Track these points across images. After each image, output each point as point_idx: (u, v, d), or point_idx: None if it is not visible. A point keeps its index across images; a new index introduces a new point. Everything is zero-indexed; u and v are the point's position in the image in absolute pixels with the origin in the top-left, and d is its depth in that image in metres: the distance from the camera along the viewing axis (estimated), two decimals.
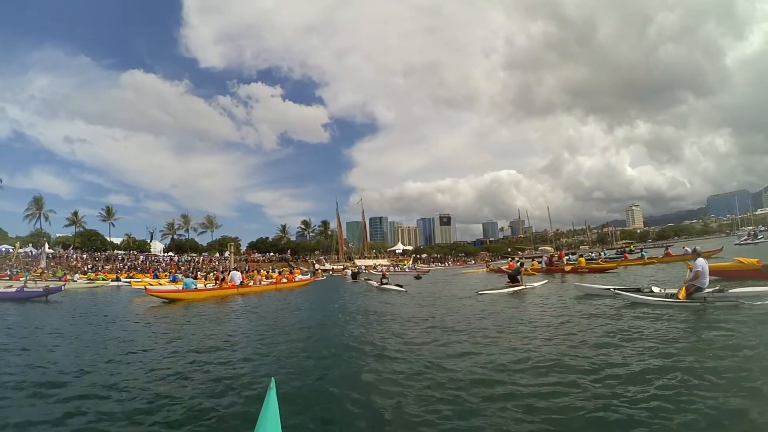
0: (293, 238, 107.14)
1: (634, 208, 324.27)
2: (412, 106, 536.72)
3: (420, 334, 8.52)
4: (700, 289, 9.34)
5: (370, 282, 28.44)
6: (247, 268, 47.59)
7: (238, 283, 22.86)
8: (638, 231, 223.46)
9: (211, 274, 33.33)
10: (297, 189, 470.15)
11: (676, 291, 9.72)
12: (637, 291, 10.89)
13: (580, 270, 26.92)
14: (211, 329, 10.55)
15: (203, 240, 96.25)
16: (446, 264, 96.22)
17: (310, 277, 41.46)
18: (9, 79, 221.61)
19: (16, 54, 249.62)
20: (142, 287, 25.26)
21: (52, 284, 26.78)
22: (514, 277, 18.25)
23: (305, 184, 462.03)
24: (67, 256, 57.67)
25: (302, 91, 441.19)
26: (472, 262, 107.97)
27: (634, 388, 4.52)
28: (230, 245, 49.26)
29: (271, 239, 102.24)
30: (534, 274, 26.95)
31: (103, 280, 41.04)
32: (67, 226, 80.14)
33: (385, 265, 66.46)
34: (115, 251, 73.44)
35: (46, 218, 76.15)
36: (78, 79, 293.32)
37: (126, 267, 54.32)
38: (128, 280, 38.42)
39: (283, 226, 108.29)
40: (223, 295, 21.02)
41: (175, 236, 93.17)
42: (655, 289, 10.64)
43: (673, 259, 30.38)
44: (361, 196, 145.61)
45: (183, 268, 55.69)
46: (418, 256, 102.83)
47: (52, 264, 48.28)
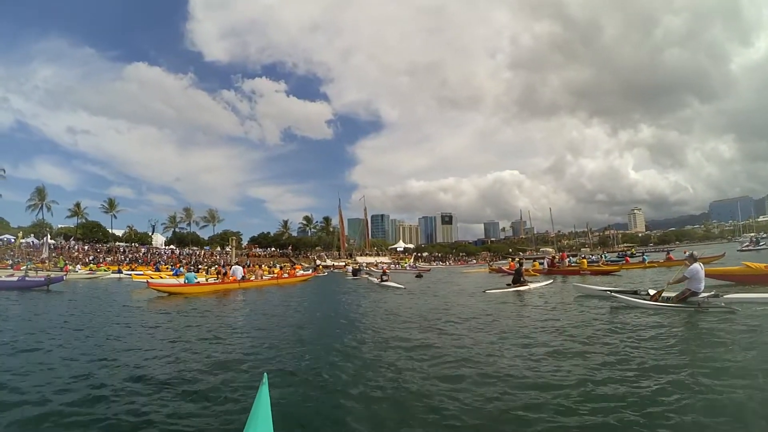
0: (295, 234, 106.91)
1: (636, 211, 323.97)
2: (416, 105, 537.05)
3: (424, 333, 8.39)
4: (695, 294, 9.36)
5: (371, 279, 28.39)
6: (249, 262, 47.51)
7: (239, 278, 22.81)
8: (640, 235, 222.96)
9: (213, 269, 33.26)
10: (299, 185, 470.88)
11: (673, 295, 9.82)
12: (634, 294, 10.97)
13: (582, 272, 26.82)
14: (210, 323, 10.52)
15: (205, 234, 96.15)
16: (447, 263, 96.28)
17: (311, 272, 41.49)
18: (13, 69, 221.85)
19: (21, 44, 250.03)
20: (144, 280, 25.30)
21: (54, 274, 26.77)
22: (517, 278, 18.38)
23: (308, 180, 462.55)
24: (69, 247, 57.70)
25: (306, 87, 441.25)
26: (473, 261, 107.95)
27: (622, 389, 4.56)
28: (232, 240, 49.28)
29: (272, 234, 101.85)
30: (536, 275, 26.86)
31: (105, 271, 41.12)
32: (69, 217, 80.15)
33: (386, 263, 66.39)
34: (117, 243, 73.38)
35: (49, 209, 76.08)
36: (82, 71, 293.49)
37: (127, 259, 54.38)
38: (130, 272, 38.49)
39: (285, 222, 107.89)
40: (225, 289, 20.96)
41: (177, 229, 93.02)
42: (652, 292, 10.69)
43: (675, 263, 30.23)
44: (364, 194, 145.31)
45: (184, 261, 55.70)
46: (419, 255, 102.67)
47: (54, 255, 48.26)
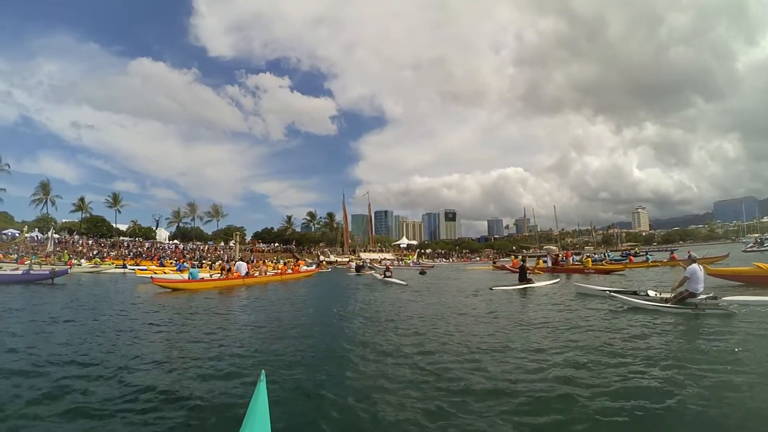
0: (298, 230, 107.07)
1: (640, 210, 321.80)
2: (420, 101, 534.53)
3: (427, 334, 8.13)
4: (694, 295, 9.38)
5: (375, 275, 28.35)
6: (253, 258, 47.53)
7: (243, 274, 22.75)
8: (643, 234, 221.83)
9: (217, 264, 33.25)
10: (303, 180, 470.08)
11: (671, 295, 9.85)
12: (633, 294, 10.97)
13: (586, 271, 26.68)
14: (211, 319, 10.53)
15: (209, 229, 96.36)
16: (451, 260, 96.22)
17: (315, 268, 41.51)
18: (17, 64, 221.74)
19: (25, 39, 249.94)
20: (147, 275, 25.34)
21: (58, 268, 26.86)
22: (522, 275, 18.44)
23: (311, 175, 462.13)
24: (73, 242, 57.88)
25: (310, 82, 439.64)
26: (477, 258, 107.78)
27: (616, 388, 4.62)
28: (236, 235, 49.08)
29: (276, 230, 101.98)
30: (540, 273, 26.76)
31: (108, 265, 41.26)
32: (73, 212, 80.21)
33: (389, 260, 66.36)
34: (121, 237, 73.68)
35: (53, 203, 76.22)
36: (86, 65, 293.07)
37: (131, 254, 54.49)
38: (134, 267, 38.55)
39: (289, 217, 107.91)
40: (229, 285, 20.93)
41: (181, 224, 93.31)
42: (651, 293, 10.72)
43: (678, 263, 30.09)
44: (368, 190, 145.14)
45: (188, 256, 55.78)
46: (423, 252, 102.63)
47: (58, 249, 48.42)
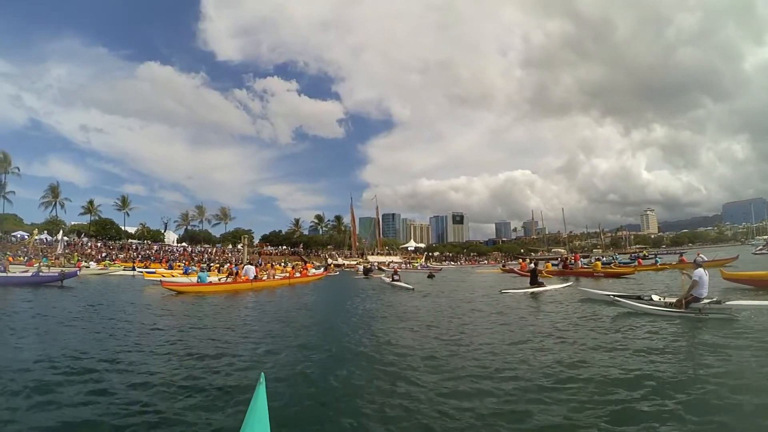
0: (306, 232, 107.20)
1: (648, 212, 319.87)
2: (428, 104, 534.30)
3: (433, 340, 8.02)
4: (698, 299, 9.36)
5: (383, 278, 28.16)
6: (261, 261, 47.51)
7: (252, 278, 22.62)
8: (652, 236, 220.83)
9: (224, 268, 33.20)
10: (311, 183, 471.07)
11: (675, 300, 9.91)
12: (638, 299, 10.95)
13: (595, 274, 26.33)
14: (217, 323, 10.65)
15: (217, 231, 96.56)
16: (459, 263, 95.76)
17: (323, 271, 41.34)
18: (27, 68, 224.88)
19: (35, 43, 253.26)
20: (155, 278, 25.31)
21: (67, 270, 26.91)
22: (533, 279, 18.31)
23: (319, 178, 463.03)
24: (82, 244, 58.19)
25: (318, 86, 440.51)
26: (485, 262, 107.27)
27: (618, 394, 4.64)
28: (244, 238, 49.14)
29: (284, 233, 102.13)
30: (549, 277, 26.50)
31: (117, 267, 41.39)
32: (82, 214, 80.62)
33: (397, 262, 66.16)
34: (129, 240, 73.98)
35: (62, 206, 76.73)
36: (95, 69, 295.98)
37: (140, 256, 54.67)
38: (142, 270, 38.55)
39: (297, 220, 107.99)
40: (237, 289, 20.79)
41: (189, 227, 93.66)
42: (655, 298, 10.70)
43: (687, 266, 29.63)
44: (375, 193, 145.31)
45: (196, 258, 55.90)
46: (430, 255, 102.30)
47: (67, 251, 48.70)
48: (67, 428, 4.04)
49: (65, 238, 56.33)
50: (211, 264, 43.84)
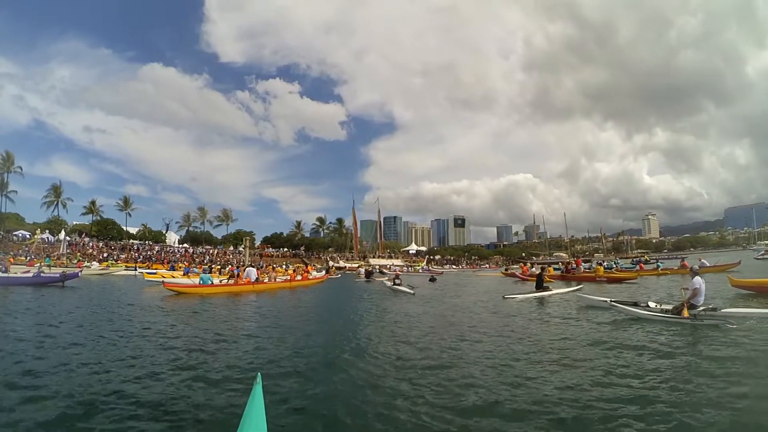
0: (308, 235, 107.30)
1: (650, 217, 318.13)
2: (430, 107, 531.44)
3: (432, 349, 7.77)
4: (694, 306, 9.62)
5: (384, 282, 28.10)
6: (262, 263, 47.49)
7: (253, 280, 22.63)
8: (654, 241, 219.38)
9: (225, 270, 33.16)
10: (313, 186, 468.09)
11: (671, 307, 10.14)
12: (635, 305, 11.12)
13: (598, 279, 26.22)
14: (217, 325, 10.67)
15: (218, 233, 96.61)
16: (460, 266, 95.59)
17: (324, 274, 41.26)
18: (30, 69, 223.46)
19: (39, 44, 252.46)
20: (156, 279, 25.33)
21: (69, 271, 26.91)
22: (539, 283, 18.11)
23: (321, 181, 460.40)
24: (84, 244, 58.24)
25: (320, 88, 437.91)
26: (486, 265, 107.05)
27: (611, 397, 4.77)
28: (246, 240, 49.05)
29: (285, 235, 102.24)
30: (551, 281, 26.39)
31: (118, 267, 41.46)
32: (84, 215, 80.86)
33: (399, 265, 66.06)
34: (131, 241, 74.06)
35: (64, 206, 76.82)
36: (98, 71, 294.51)
37: (141, 257, 54.70)
38: (143, 270, 38.52)
39: (298, 222, 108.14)
40: (238, 291, 20.80)
41: (191, 228, 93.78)
42: (652, 304, 10.89)
43: (689, 271, 29.48)
44: (377, 195, 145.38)
45: (197, 260, 55.90)
46: (432, 258, 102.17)
47: (68, 251, 48.73)
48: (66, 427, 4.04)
49: (67, 238, 56.40)
50: (213, 266, 43.84)
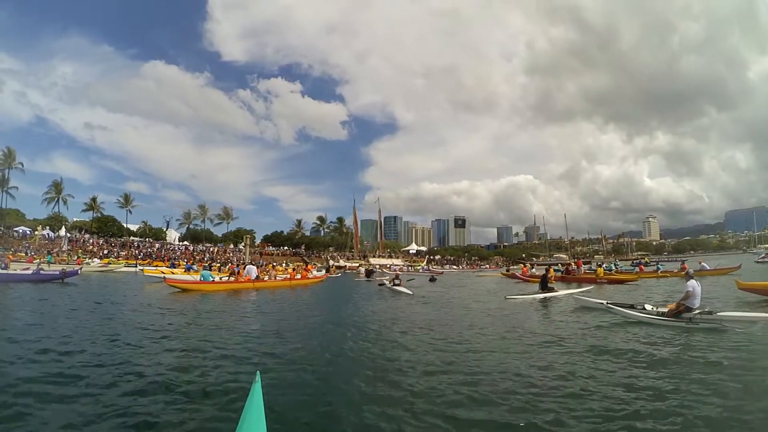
0: (308, 234, 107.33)
1: (650, 219, 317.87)
2: (431, 108, 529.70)
3: (432, 351, 7.58)
4: (690, 309, 9.56)
5: (384, 282, 28.08)
6: (262, 261, 47.48)
7: (253, 278, 22.67)
8: (654, 243, 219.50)
9: (225, 268, 33.17)
10: (313, 185, 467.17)
11: (666, 309, 10.11)
12: (631, 307, 11.09)
13: (598, 281, 26.17)
14: (217, 321, 10.74)
15: (219, 231, 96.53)
16: (460, 267, 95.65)
17: (324, 273, 41.18)
18: (32, 65, 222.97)
19: (41, 41, 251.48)
20: (156, 275, 25.37)
21: (69, 268, 26.91)
22: (544, 284, 18.34)
23: (321, 180, 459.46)
24: (84, 241, 58.26)
25: (322, 88, 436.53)
26: (486, 266, 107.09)
27: (605, 398, 4.75)
28: (246, 238, 49.20)
29: (285, 233, 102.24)
30: (551, 282, 26.32)
31: (118, 264, 41.48)
32: (84, 211, 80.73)
33: (399, 265, 66.06)
34: (131, 238, 74.09)
35: (65, 202, 76.93)
36: (100, 68, 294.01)
37: (141, 254, 54.74)
38: (142, 267, 38.54)
39: (299, 221, 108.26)
40: (239, 288, 20.82)
41: (191, 226, 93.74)
42: (648, 307, 10.87)
43: (684, 275, 29.36)
44: (378, 196, 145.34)
45: (198, 257, 55.93)
46: (432, 258, 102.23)
47: (69, 248, 48.76)
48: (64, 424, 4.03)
49: (68, 235, 56.44)
50: (213, 264, 43.86)
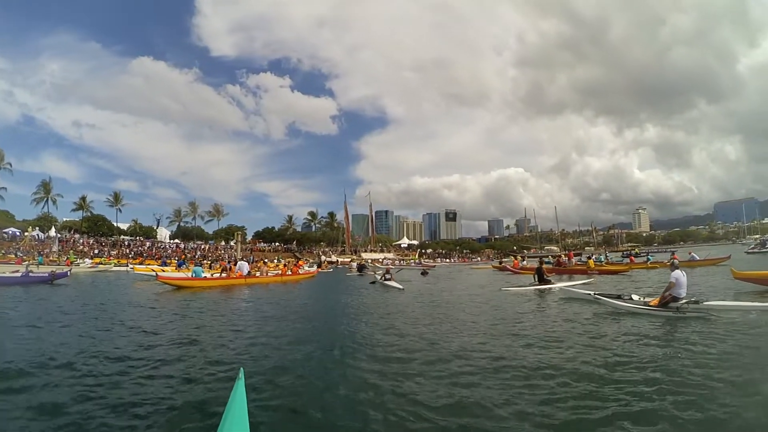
0: (299, 229, 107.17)
1: (640, 211, 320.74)
2: (422, 102, 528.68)
3: (422, 343, 7.79)
4: (676, 299, 9.71)
5: (375, 276, 28.21)
6: (253, 258, 47.42)
7: (245, 274, 22.75)
8: (644, 234, 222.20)
9: (217, 264, 33.16)
10: (304, 180, 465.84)
11: (653, 299, 10.34)
12: (618, 297, 11.27)
13: (589, 272, 26.49)
14: (208, 318, 10.76)
15: (210, 228, 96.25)
16: (452, 260, 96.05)
17: (316, 269, 41.19)
18: (19, 64, 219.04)
19: (28, 39, 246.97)
20: (146, 272, 25.36)
21: (58, 270, 26.71)
22: (540, 277, 18.70)
23: (312, 175, 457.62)
24: (74, 241, 57.78)
25: (312, 82, 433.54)
26: (477, 259, 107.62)
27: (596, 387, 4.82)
28: (237, 234, 48.93)
29: (277, 229, 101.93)
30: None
31: (108, 264, 41.28)
32: (74, 211, 79.87)
33: (390, 259, 66.25)
34: (122, 237, 73.54)
35: (54, 202, 76.11)
36: (88, 65, 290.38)
37: (132, 253, 54.42)
38: (133, 265, 38.42)
39: (290, 217, 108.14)
40: (231, 285, 20.91)
41: (182, 223, 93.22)
42: (635, 297, 11.04)
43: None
44: (369, 190, 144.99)
45: (189, 255, 55.69)
46: (423, 251, 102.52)
47: (59, 248, 48.37)
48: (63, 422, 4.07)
49: (58, 235, 55.96)
50: (204, 261, 43.74)
